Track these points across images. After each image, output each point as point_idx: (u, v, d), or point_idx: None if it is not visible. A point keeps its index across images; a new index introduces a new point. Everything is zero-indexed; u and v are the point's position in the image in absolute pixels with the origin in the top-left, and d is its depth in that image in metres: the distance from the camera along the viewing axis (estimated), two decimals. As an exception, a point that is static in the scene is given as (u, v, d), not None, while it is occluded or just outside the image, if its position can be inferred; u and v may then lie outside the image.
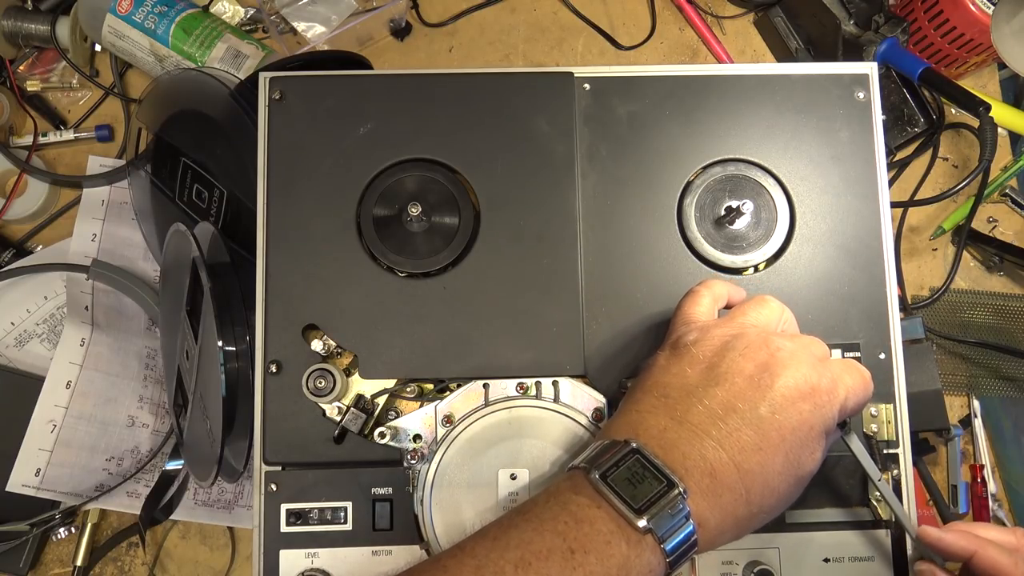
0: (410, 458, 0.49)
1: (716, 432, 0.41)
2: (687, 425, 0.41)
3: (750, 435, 0.40)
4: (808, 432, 0.41)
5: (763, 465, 0.40)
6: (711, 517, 0.40)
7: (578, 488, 0.40)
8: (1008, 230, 0.77)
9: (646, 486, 0.39)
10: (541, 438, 0.49)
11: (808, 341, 0.45)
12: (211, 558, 0.69)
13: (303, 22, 0.76)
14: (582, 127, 0.54)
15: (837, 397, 0.43)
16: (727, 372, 0.42)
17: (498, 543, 0.39)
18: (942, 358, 0.73)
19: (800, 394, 0.41)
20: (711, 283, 0.49)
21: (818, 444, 0.42)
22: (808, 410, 0.41)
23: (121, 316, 0.72)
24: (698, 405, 0.41)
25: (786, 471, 0.41)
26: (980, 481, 0.70)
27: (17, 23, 0.75)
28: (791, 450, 0.41)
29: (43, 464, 0.65)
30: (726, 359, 0.42)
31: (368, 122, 0.53)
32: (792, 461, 0.41)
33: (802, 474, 0.42)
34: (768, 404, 0.41)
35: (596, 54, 0.80)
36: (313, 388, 0.50)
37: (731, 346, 0.43)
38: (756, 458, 0.40)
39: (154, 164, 0.69)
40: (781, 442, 0.41)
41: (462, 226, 0.53)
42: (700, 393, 0.42)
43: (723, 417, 0.41)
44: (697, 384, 0.42)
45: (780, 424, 0.41)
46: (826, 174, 0.54)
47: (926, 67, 0.67)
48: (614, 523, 0.39)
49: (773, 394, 0.41)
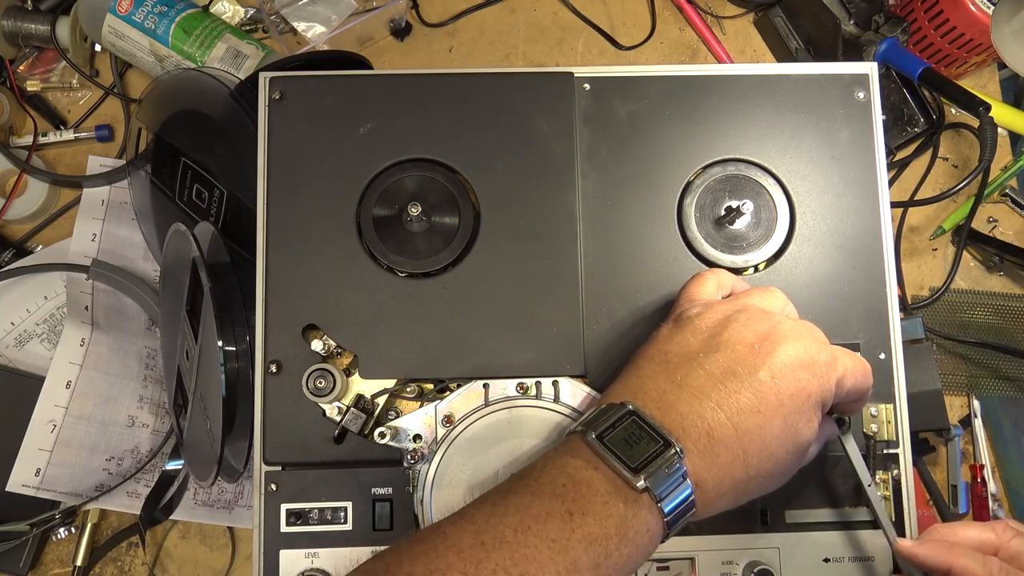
0: (410, 458, 0.49)
1: (715, 394, 0.41)
2: (686, 388, 0.41)
3: (749, 397, 0.41)
4: (806, 400, 0.42)
5: (761, 427, 0.41)
6: (708, 478, 0.40)
7: (575, 451, 0.40)
8: (1008, 230, 0.77)
9: (643, 446, 0.39)
10: (541, 438, 0.49)
11: (810, 324, 0.45)
12: (211, 558, 0.69)
13: (303, 22, 0.76)
14: (582, 127, 0.54)
15: (835, 371, 0.43)
16: (728, 340, 0.42)
17: (497, 508, 0.39)
18: (942, 358, 0.73)
19: (799, 363, 0.42)
20: (718, 270, 0.50)
21: (815, 413, 0.43)
22: (806, 378, 0.42)
23: (121, 316, 0.72)
24: (698, 369, 0.42)
25: (784, 436, 0.41)
26: (980, 481, 0.70)
27: (17, 23, 0.75)
28: (789, 415, 0.41)
29: (43, 464, 0.65)
30: (728, 328, 0.43)
31: (368, 122, 0.53)
32: (790, 426, 0.41)
33: (800, 441, 0.42)
34: (767, 369, 0.41)
35: (596, 54, 0.80)
36: (313, 388, 0.50)
37: (734, 318, 0.44)
38: (754, 420, 0.41)
39: (154, 164, 0.69)
40: (779, 406, 0.41)
41: (462, 226, 0.53)
42: (701, 359, 0.42)
43: (722, 380, 0.41)
44: (698, 351, 0.43)
45: (779, 389, 0.41)
46: (826, 174, 0.54)
47: (926, 67, 0.67)
48: (611, 484, 0.39)
49: (772, 360, 0.42)
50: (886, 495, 0.51)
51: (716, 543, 0.50)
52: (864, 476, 0.47)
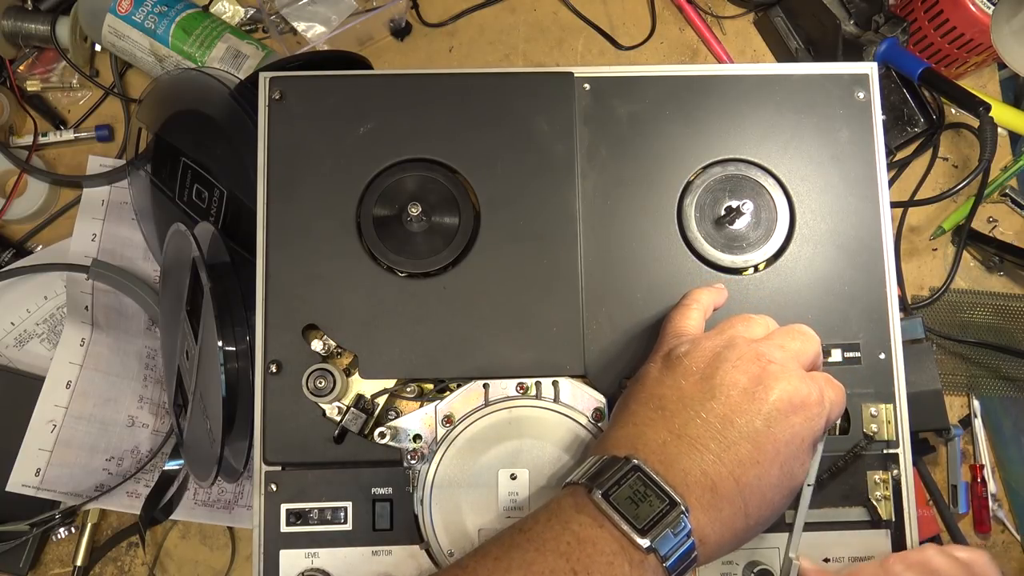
0: (410, 458, 0.49)
1: (715, 445, 0.41)
2: (686, 439, 0.41)
3: (747, 448, 0.41)
4: (800, 444, 0.42)
5: (760, 478, 0.41)
6: (711, 532, 0.40)
7: (580, 506, 0.40)
8: (1008, 230, 0.77)
9: (649, 505, 0.39)
10: (541, 438, 0.49)
11: (795, 351, 0.45)
12: (211, 558, 0.69)
13: (303, 22, 0.76)
14: (582, 127, 0.54)
15: (824, 410, 0.44)
16: (722, 384, 0.42)
17: (500, 564, 0.39)
18: (942, 358, 0.73)
19: (792, 407, 0.42)
20: (697, 295, 0.50)
21: (807, 455, 0.43)
22: (799, 423, 0.42)
23: (121, 316, 0.72)
24: (696, 418, 0.42)
25: (780, 483, 0.42)
26: (980, 481, 0.70)
27: (17, 23, 0.75)
28: (785, 462, 0.42)
29: (43, 464, 0.65)
30: (720, 371, 0.43)
31: (368, 122, 0.53)
32: (786, 473, 0.42)
33: (794, 485, 0.43)
34: (764, 417, 0.42)
35: (596, 54, 0.80)
36: (313, 388, 0.50)
37: (723, 357, 0.43)
38: (754, 471, 0.41)
39: (154, 164, 0.69)
40: (776, 455, 0.41)
41: (462, 226, 0.53)
42: (697, 406, 0.42)
43: (721, 431, 0.41)
44: (693, 396, 0.43)
45: (775, 437, 0.41)
46: (826, 174, 0.54)
47: (926, 67, 0.67)
48: (617, 543, 0.39)
49: (768, 407, 0.42)
50: (886, 495, 0.51)
51: (716, 543, 0.50)
52: (809, 475, 0.47)
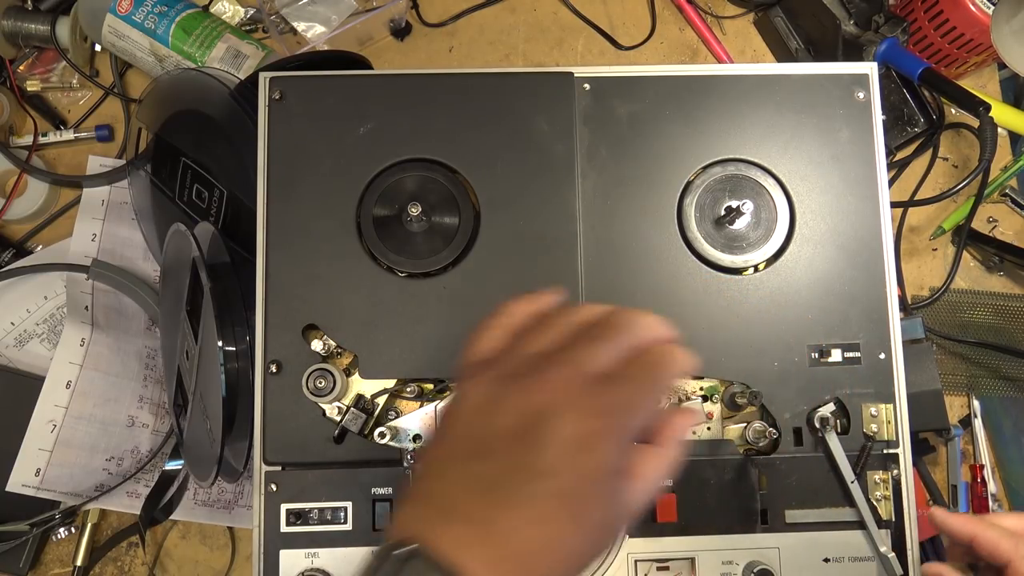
0: (410, 458, 0.49)
1: (482, 521, 0.33)
2: (456, 514, 0.33)
3: (524, 512, 0.33)
4: (592, 484, 0.34)
5: (549, 539, 0.33)
6: None
7: None
8: (1008, 230, 0.77)
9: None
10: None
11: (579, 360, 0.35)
12: (211, 558, 0.69)
13: (303, 22, 0.76)
14: (582, 127, 0.54)
15: (621, 422, 0.34)
16: (486, 437, 0.35)
17: None
18: (942, 358, 0.73)
19: (575, 442, 0.33)
20: (511, 309, 0.40)
21: (617, 481, 0.35)
22: (586, 457, 0.33)
23: (121, 316, 0.72)
24: (456, 485, 0.34)
25: (582, 531, 0.34)
26: (980, 481, 0.70)
27: (17, 23, 0.75)
28: (578, 509, 0.33)
29: (43, 464, 0.65)
30: (486, 417, 0.35)
31: (368, 122, 0.53)
32: (586, 517, 0.34)
33: (608, 520, 0.35)
34: (536, 470, 0.33)
35: (596, 54, 0.80)
36: (313, 388, 0.50)
37: (491, 398, 0.35)
38: (537, 532, 0.33)
39: (154, 164, 0.69)
40: (561, 507, 0.33)
41: (462, 226, 0.53)
42: (459, 467, 0.34)
43: (495, 501, 0.33)
44: (457, 455, 0.35)
45: (559, 488, 0.33)
46: (826, 174, 0.54)
47: (926, 67, 0.67)
48: None
49: (540, 455, 0.33)
50: (886, 495, 0.51)
51: (716, 543, 0.50)
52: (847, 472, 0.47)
